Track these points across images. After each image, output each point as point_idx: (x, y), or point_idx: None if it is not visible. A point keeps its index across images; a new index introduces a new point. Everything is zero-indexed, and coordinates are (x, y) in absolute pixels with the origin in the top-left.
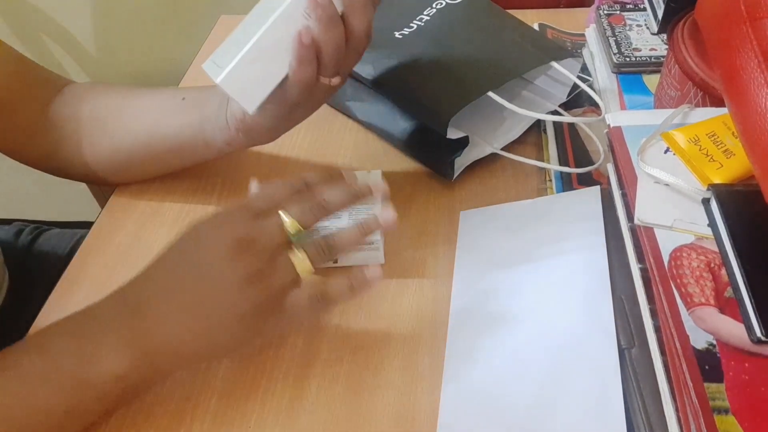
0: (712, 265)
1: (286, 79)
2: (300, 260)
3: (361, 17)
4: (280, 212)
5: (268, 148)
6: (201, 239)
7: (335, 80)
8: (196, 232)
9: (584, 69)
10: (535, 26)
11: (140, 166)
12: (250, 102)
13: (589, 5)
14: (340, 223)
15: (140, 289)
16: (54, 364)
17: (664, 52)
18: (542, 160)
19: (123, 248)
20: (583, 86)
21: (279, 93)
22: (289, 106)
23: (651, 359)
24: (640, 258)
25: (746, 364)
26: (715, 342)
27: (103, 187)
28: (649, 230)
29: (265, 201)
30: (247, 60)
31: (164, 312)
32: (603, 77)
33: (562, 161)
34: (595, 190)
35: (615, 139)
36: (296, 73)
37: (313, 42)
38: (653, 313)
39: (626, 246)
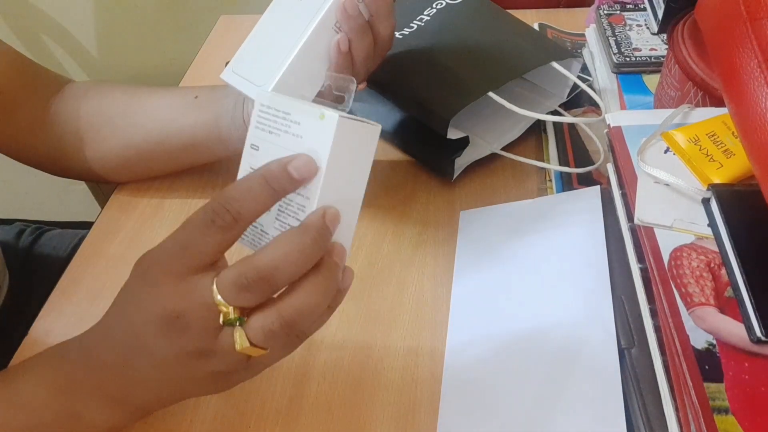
0: (712, 265)
1: (320, 89)
2: (244, 347)
3: (387, 23)
4: (213, 288)
5: None
6: (132, 307)
7: (362, 86)
8: (127, 295)
9: (584, 69)
10: (535, 26)
11: (150, 162)
12: None
13: (589, 5)
14: (267, 218)
15: (102, 347)
16: (40, 421)
17: (664, 52)
18: (542, 160)
19: (123, 248)
20: (583, 86)
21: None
22: None
23: (651, 359)
24: (640, 258)
25: (746, 364)
26: (715, 342)
27: (104, 187)
28: (649, 230)
29: (199, 255)
30: (287, 78)
31: (130, 372)
32: (603, 77)
33: (562, 161)
34: (595, 190)
35: (615, 139)
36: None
37: (349, 50)
38: (653, 313)
39: (626, 246)
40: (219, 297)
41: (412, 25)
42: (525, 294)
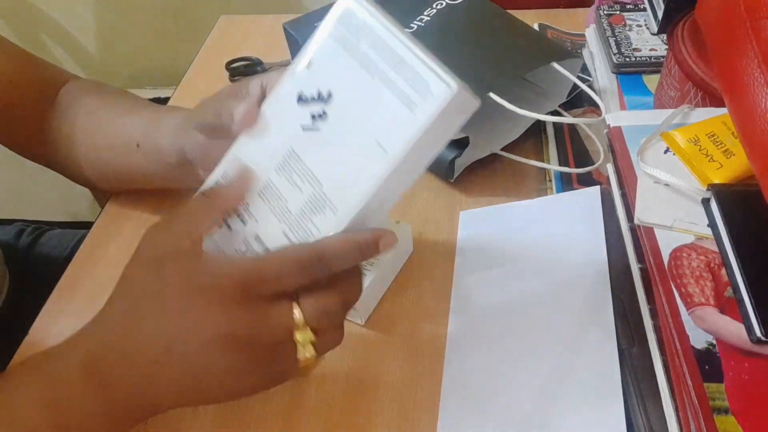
0: (712, 265)
1: None
2: (305, 356)
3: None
4: (294, 311)
5: None
6: (186, 319)
7: None
8: (180, 302)
9: (584, 69)
10: (535, 26)
11: (126, 183)
12: None
13: (589, 5)
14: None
15: (109, 351)
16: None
17: (664, 53)
18: (542, 161)
19: (123, 249)
20: (583, 86)
21: None
22: None
23: (651, 359)
24: (640, 258)
25: (746, 364)
26: (715, 342)
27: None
28: (649, 230)
29: (272, 283)
30: None
31: (139, 381)
32: (603, 77)
33: (562, 161)
34: (595, 190)
35: (615, 139)
36: None
37: None
38: (653, 313)
39: (626, 246)
40: (297, 312)
41: (412, 25)
42: (525, 294)
